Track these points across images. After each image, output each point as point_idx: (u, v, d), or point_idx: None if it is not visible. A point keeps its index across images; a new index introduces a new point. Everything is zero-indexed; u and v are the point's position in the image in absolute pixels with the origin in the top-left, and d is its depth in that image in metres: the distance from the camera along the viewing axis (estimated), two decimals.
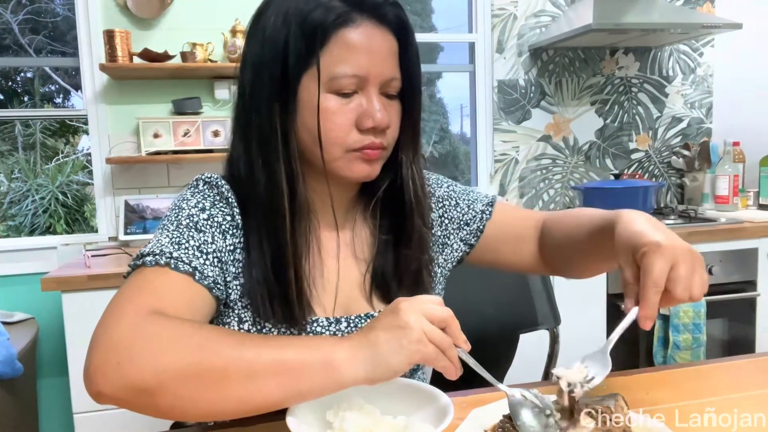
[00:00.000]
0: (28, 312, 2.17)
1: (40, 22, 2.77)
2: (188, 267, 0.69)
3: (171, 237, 0.72)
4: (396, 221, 0.85)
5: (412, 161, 0.83)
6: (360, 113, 0.75)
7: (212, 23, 2.28)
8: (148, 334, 0.59)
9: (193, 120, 2.27)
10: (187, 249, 0.71)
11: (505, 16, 2.61)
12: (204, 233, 0.74)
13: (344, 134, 0.74)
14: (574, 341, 1.59)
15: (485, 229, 0.93)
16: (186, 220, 0.74)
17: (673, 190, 2.88)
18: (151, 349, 0.57)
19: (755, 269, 2.22)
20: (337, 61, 0.72)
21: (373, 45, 0.74)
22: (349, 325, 0.81)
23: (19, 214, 3.09)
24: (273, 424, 0.72)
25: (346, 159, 0.76)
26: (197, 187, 0.79)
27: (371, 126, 0.74)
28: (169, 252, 0.69)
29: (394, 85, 0.77)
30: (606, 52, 2.73)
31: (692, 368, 0.89)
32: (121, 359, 0.57)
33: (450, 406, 0.65)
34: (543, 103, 2.68)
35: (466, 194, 0.95)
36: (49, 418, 2.24)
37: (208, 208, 0.76)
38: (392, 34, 0.76)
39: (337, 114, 0.74)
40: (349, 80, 0.73)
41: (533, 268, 0.94)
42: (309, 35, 0.72)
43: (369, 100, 0.75)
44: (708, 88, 2.87)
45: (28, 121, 3.10)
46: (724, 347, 2.24)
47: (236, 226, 0.77)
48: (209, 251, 0.73)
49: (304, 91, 0.74)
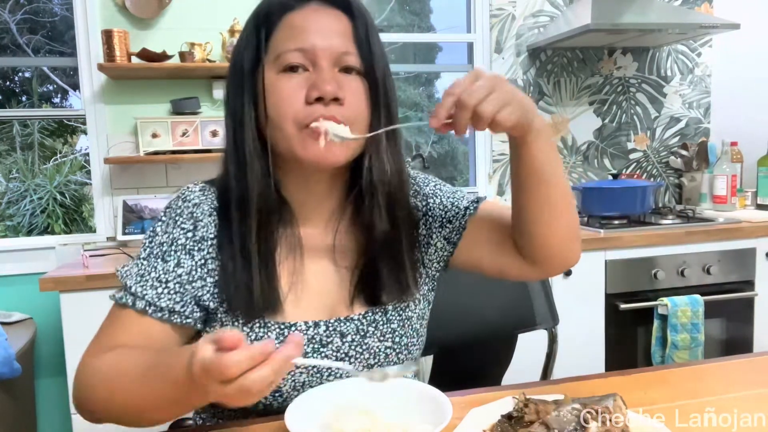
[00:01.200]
0: (26, 312, 2.17)
1: (38, 22, 2.77)
2: (142, 302, 0.76)
3: (139, 268, 0.79)
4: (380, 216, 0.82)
5: (381, 145, 0.80)
6: (309, 86, 0.75)
7: (210, 23, 2.28)
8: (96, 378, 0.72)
9: (192, 120, 2.26)
10: (146, 282, 0.77)
11: (503, 17, 2.61)
12: (168, 262, 0.78)
13: (293, 108, 0.74)
14: (572, 341, 1.60)
15: (467, 225, 0.88)
16: (157, 248, 0.79)
17: (671, 190, 2.89)
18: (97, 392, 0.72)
19: (753, 269, 2.22)
20: (283, 41, 0.76)
21: (319, 23, 0.76)
22: (328, 329, 0.81)
23: (17, 214, 3.09)
24: (272, 424, 0.72)
25: (300, 137, 0.75)
26: (170, 206, 0.83)
27: (317, 95, 0.73)
28: (132, 286, 0.77)
29: (349, 60, 0.77)
30: (604, 52, 2.74)
31: (690, 368, 0.89)
32: (84, 402, 0.74)
33: (448, 405, 0.65)
34: (541, 103, 2.68)
35: (452, 193, 0.92)
36: (47, 419, 2.23)
37: (171, 230, 0.80)
38: (341, 13, 0.78)
39: (284, 89, 0.75)
40: (293, 54, 0.75)
41: (516, 266, 0.87)
42: (259, 25, 0.78)
43: (318, 73, 0.75)
44: (706, 88, 2.88)
45: (26, 121, 3.09)
46: (722, 347, 2.25)
47: (201, 239, 0.79)
48: (169, 279, 0.77)
49: (261, 79, 0.77)
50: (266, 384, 0.55)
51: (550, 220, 0.80)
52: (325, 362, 0.76)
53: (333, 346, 0.81)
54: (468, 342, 1.23)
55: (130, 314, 0.77)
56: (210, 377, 0.54)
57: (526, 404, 0.64)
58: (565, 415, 0.60)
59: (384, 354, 0.83)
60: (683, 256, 2.15)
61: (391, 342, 0.83)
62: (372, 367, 0.81)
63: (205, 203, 0.81)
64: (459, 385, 0.81)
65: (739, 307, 2.23)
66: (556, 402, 0.64)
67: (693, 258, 2.16)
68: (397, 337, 0.84)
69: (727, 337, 2.25)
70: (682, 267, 2.15)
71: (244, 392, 0.54)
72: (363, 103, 0.78)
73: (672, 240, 2.13)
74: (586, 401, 0.63)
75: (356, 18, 0.78)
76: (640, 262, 2.12)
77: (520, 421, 0.63)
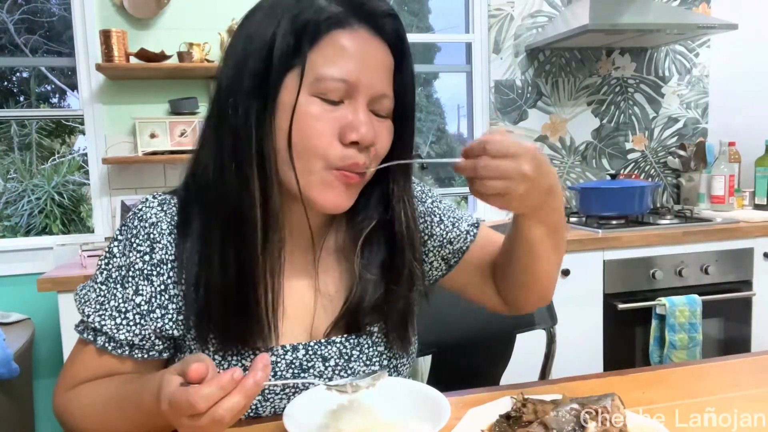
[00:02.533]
0: (24, 313, 2.16)
1: (36, 22, 2.76)
2: (102, 338, 0.73)
3: (97, 294, 0.75)
4: (383, 254, 0.78)
5: (403, 190, 0.77)
6: (344, 124, 0.67)
7: (209, 23, 2.28)
8: (68, 410, 0.75)
9: (190, 120, 2.26)
10: (105, 311, 0.73)
11: (501, 17, 2.61)
12: (126, 289, 0.73)
13: (325, 144, 0.66)
14: (570, 341, 1.60)
15: (468, 251, 0.87)
16: (115, 272, 0.74)
17: (669, 190, 2.89)
18: (72, 422, 0.75)
19: (751, 269, 2.23)
20: (326, 63, 0.66)
21: (367, 53, 0.68)
22: (308, 352, 0.75)
23: (15, 214, 3.08)
24: (270, 424, 0.72)
25: (322, 176, 0.68)
26: (126, 225, 0.76)
27: (355, 139, 0.66)
28: (90, 317, 0.73)
29: (385, 104, 0.70)
30: (602, 53, 2.74)
31: (688, 367, 0.89)
32: (63, 423, 0.76)
33: (447, 406, 0.65)
34: (540, 103, 2.69)
35: (451, 212, 0.89)
36: (46, 419, 2.23)
37: (128, 253, 0.74)
38: (388, 48, 0.71)
39: (319, 120, 0.66)
40: (336, 84, 0.66)
41: (493, 300, 0.89)
42: (298, 31, 0.66)
43: (355, 112, 0.67)
44: (704, 88, 2.88)
45: (24, 122, 3.09)
46: (720, 347, 2.25)
47: (159, 262, 0.72)
48: (128, 309, 0.72)
49: (286, 93, 0.66)
50: (238, 411, 0.54)
51: (531, 283, 0.82)
52: (291, 380, 0.73)
53: (315, 371, 0.75)
54: (466, 342, 1.23)
55: (90, 351, 0.75)
56: (179, 413, 0.53)
57: (525, 404, 0.64)
58: (564, 415, 0.60)
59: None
60: (681, 256, 2.16)
61: (379, 366, 0.79)
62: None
63: (163, 221, 0.74)
64: (457, 385, 0.81)
65: (736, 306, 2.23)
66: (555, 402, 0.65)
67: (691, 258, 2.16)
68: (385, 360, 0.80)
69: (725, 337, 2.25)
70: (680, 267, 2.15)
71: (217, 422, 0.53)
72: (387, 147, 0.73)
73: (670, 240, 2.14)
74: (584, 401, 0.63)
75: (404, 59, 0.72)
76: (638, 262, 2.13)
77: (519, 421, 0.63)
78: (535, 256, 0.77)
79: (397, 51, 0.72)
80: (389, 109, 0.72)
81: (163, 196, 0.77)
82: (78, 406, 0.74)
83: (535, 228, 0.74)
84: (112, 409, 0.69)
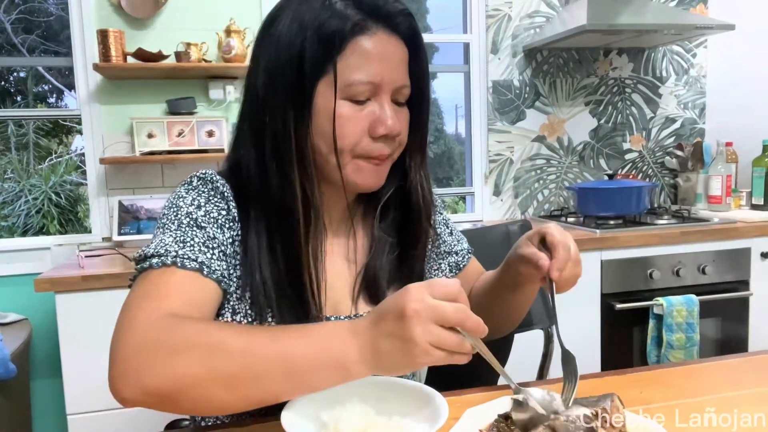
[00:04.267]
0: (22, 313, 2.16)
1: (33, 22, 2.76)
2: (195, 263, 0.71)
3: (174, 236, 0.73)
4: (401, 224, 0.88)
5: (420, 166, 0.86)
6: (373, 120, 0.76)
7: (207, 23, 2.28)
8: (158, 341, 0.60)
9: (188, 120, 2.26)
10: (192, 246, 0.72)
11: (499, 17, 2.62)
12: (205, 229, 0.75)
13: (356, 140, 0.76)
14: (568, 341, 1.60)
15: (465, 268, 0.99)
16: (186, 218, 0.75)
17: (667, 190, 2.90)
18: (164, 357, 0.59)
19: (748, 269, 2.23)
20: (353, 68, 0.74)
21: (387, 53, 0.76)
22: None
23: (12, 214, 3.08)
24: (269, 423, 0.72)
25: (354, 165, 0.78)
26: (191, 184, 0.80)
27: (384, 133, 0.76)
28: (174, 251, 0.70)
29: (404, 92, 0.79)
30: (600, 53, 2.74)
31: (686, 367, 0.90)
32: (138, 368, 0.59)
33: (444, 405, 0.65)
34: (537, 103, 2.69)
35: (457, 231, 1.02)
36: (43, 420, 2.23)
37: (204, 204, 0.77)
38: (404, 42, 0.79)
39: (351, 120, 0.75)
40: (364, 87, 0.75)
41: None
42: (326, 42, 0.73)
43: (381, 108, 0.77)
44: (701, 88, 2.89)
45: (21, 121, 3.08)
46: (718, 346, 2.25)
47: (232, 219, 0.78)
48: (214, 246, 0.74)
49: (320, 98, 0.75)
50: (451, 345, 0.56)
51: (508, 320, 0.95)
52: (493, 361, 0.64)
53: None
54: None
55: (178, 277, 0.69)
56: (434, 289, 0.56)
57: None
58: (574, 421, 0.60)
59: None
60: (678, 256, 2.16)
61: None
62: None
63: (226, 188, 0.80)
64: (455, 385, 0.81)
65: (734, 306, 2.24)
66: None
67: (688, 258, 2.17)
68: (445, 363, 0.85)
69: (722, 337, 2.26)
70: (677, 267, 2.15)
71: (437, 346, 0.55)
72: (407, 131, 0.82)
73: (667, 240, 2.14)
74: (583, 401, 0.63)
75: (418, 49, 0.80)
76: (636, 262, 2.13)
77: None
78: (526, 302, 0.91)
79: (411, 43, 0.80)
80: (407, 96, 0.81)
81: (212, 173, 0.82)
82: (197, 328, 0.62)
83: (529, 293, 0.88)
84: (261, 336, 0.60)
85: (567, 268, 0.76)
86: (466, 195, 2.78)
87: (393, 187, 0.86)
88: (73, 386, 1.75)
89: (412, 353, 0.55)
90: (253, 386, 0.58)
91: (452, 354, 0.56)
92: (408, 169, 0.85)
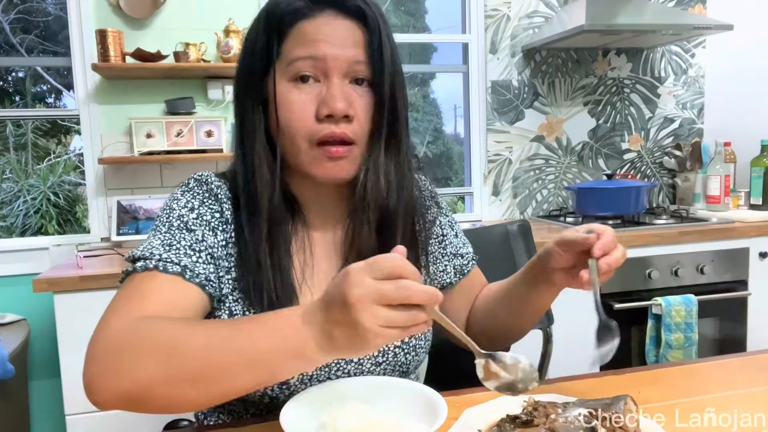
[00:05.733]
0: (20, 313, 2.15)
1: (31, 22, 2.75)
2: (177, 267, 0.71)
3: (162, 239, 0.74)
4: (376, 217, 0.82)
5: (382, 154, 0.78)
6: (319, 101, 0.75)
7: (205, 23, 2.28)
8: (125, 344, 0.60)
9: (186, 120, 2.26)
10: (177, 249, 0.73)
11: (498, 17, 2.62)
12: (194, 232, 0.76)
13: (305, 125, 0.75)
14: (566, 341, 1.60)
15: (469, 274, 0.97)
16: (177, 221, 0.76)
17: (665, 190, 2.90)
18: (132, 360, 0.59)
19: (746, 269, 2.23)
20: (294, 48, 0.75)
21: (331, 32, 0.75)
22: None
23: (11, 214, 3.07)
24: (267, 424, 0.72)
25: (311, 155, 0.76)
26: (188, 185, 0.82)
27: (327, 113, 0.73)
28: (158, 254, 0.72)
29: (359, 70, 0.76)
30: (598, 53, 2.74)
31: (685, 367, 0.90)
32: (107, 370, 0.60)
33: (443, 405, 0.65)
34: (536, 103, 2.69)
35: (463, 235, 1.01)
36: (41, 420, 2.22)
37: (197, 207, 0.78)
38: (356, 22, 0.76)
39: (295, 103, 0.75)
40: (304, 63, 0.74)
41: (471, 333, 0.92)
42: (270, 30, 0.76)
43: (328, 88, 0.74)
44: (699, 88, 2.89)
45: (19, 121, 3.08)
46: (716, 346, 2.26)
47: (226, 222, 0.79)
48: (201, 249, 0.75)
49: (271, 85, 0.76)
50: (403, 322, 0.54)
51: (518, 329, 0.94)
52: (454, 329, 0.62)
53: None
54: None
55: (159, 281, 0.70)
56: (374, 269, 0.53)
57: (536, 407, 0.64)
58: (573, 421, 0.59)
59: (392, 353, 0.84)
60: (677, 256, 2.16)
61: (400, 341, 0.84)
62: (380, 365, 0.83)
63: (222, 190, 0.81)
64: (454, 384, 0.81)
65: (732, 306, 2.24)
66: (566, 405, 0.64)
67: (687, 258, 2.17)
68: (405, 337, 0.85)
69: (720, 337, 2.26)
70: (675, 267, 2.16)
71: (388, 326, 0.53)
72: (370, 117, 0.78)
73: (666, 240, 2.14)
74: (595, 404, 0.63)
75: (371, 27, 0.76)
76: (634, 262, 2.13)
77: (529, 424, 0.62)
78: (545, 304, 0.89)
79: (365, 23, 0.77)
80: (366, 73, 0.77)
81: (212, 174, 0.84)
82: (159, 328, 0.62)
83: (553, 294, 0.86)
84: (221, 332, 0.60)
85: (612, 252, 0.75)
86: (465, 195, 2.79)
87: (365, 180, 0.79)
88: (72, 386, 1.75)
89: (364, 338, 0.54)
90: (218, 382, 0.58)
91: (407, 328, 0.55)
92: (365, 162, 0.78)
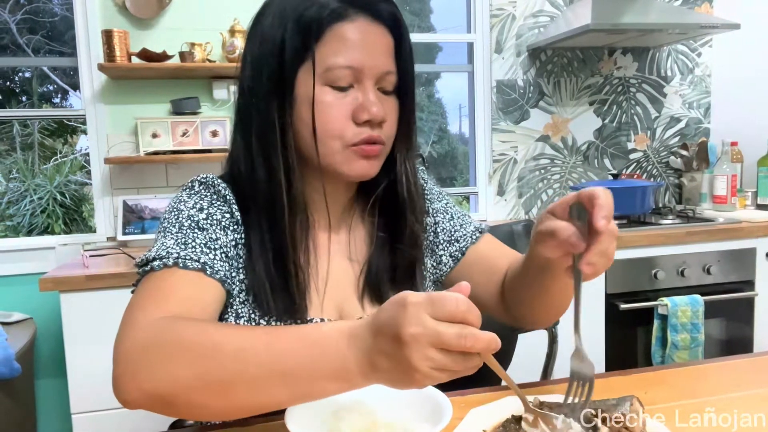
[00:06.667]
0: (26, 312, 2.17)
1: (38, 22, 2.77)
2: (198, 264, 0.71)
3: (176, 239, 0.73)
4: (391, 218, 0.86)
5: (405, 157, 0.84)
6: (356, 106, 0.76)
7: (210, 23, 2.28)
8: (156, 343, 0.59)
9: (192, 120, 2.26)
10: (194, 247, 0.73)
11: (503, 17, 2.61)
12: (207, 231, 0.75)
13: (341, 127, 0.75)
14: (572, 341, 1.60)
15: (466, 252, 0.93)
16: (187, 221, 0.76)
17: (672, 190, 2.89)
18: (161, 360, 0.58)
19: (753, 269, 2.22)
20: (332, 54, 0.74)
21: (368, 39, 0.75)
22: None
23: (17, 214, 3.08)
24: (272, 424, 0.72)
25: (344, 155, 0.77)
26: (193, 188, 0.81)
27: (367, 119, 0.75)
28: (176, 252, 0.71)
29: (389, 79, 0.78)
30: (604, 53, 2.73)
31: (691, 368, 0.89)
32: (136, 370, 0.59)
33: (448, 405, 0.65)
34: (541, 103, 2.68)
35: (462, 215, 0.97)
36: (48, 419, 2.23)
37: (206, 207, 0.78)
38: (387, 30, 0.78)
39: (333, 107, 0.75)
40: (343, 71, 0.74)
41: (497, 309, 0.90)
42: (304, 30, 0.74)
43: (365, 94, 0.76)
44: (706, 88, 2.88)
45: (26, 121, 3.09)
46: (722, 347, 2.24)
47: (236, 222, 0.79)
48: (216, 247, 0.75)
49: (301, 86, 0.75)
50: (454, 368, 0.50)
51: (550, 309, 0.84)
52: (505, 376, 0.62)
53: None
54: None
55: (179, 277, 0.69)
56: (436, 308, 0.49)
57: (541, 408, 0.63)
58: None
59: None
60: (683, 256, 2.15)
61: None
62: None
63: (228, 192, 0.80)
64: (459, 385, 0.80)
65: (739, 307, 2.23)
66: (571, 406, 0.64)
67: (693, 258, 2.16)
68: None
69: (727, 337, 2.25)
70: (682, 267, 2.15)
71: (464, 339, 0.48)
72: (395, 119, 0.81)
73: (672, 240, 2.13)
74: (601, 405, 0.63)
75: (402, 38, 0.79)
76: (641, 262, 2.12)
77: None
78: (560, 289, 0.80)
79: (395, 31, 0.79)
80: (394, 83, 0.79)
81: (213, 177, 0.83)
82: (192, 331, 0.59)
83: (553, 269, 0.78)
84: (258, 339, 0.57)
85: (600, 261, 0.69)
86: (470, 195, 2.78)
87: (385, 181, 0.84)
88: (78, 385, 1.76)
89: (412, 377, 0.50)
90: (248, 393, 0.56)
91: (456, 373, 0.51)
92: (394, 160, 0.84)
